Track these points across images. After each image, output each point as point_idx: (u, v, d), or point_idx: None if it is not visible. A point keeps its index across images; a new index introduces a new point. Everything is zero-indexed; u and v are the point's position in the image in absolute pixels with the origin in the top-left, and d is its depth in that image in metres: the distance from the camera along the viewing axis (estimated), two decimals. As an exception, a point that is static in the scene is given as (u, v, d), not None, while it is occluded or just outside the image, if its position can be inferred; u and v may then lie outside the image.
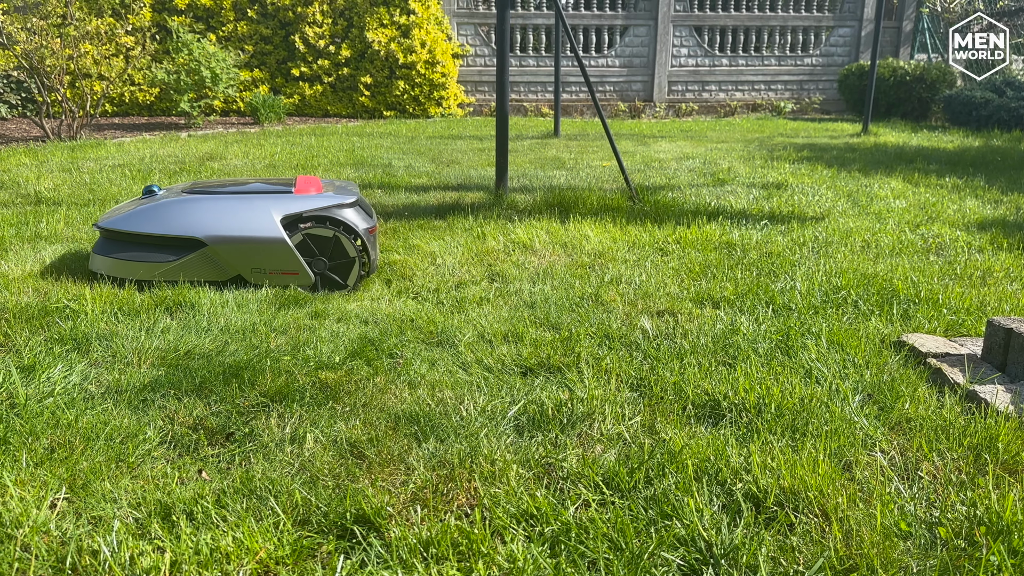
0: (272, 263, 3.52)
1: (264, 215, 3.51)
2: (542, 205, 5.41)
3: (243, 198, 3.59)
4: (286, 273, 3.54)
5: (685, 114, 14.47)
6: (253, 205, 3.54)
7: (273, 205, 3.55)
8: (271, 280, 3.55)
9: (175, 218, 3.48)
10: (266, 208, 3.53)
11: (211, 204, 3.53)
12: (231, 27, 12.51)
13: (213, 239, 3.45)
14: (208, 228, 3.45)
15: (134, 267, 3.48)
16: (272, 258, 3.51)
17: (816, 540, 1.72)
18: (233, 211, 3.51)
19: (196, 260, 3.49)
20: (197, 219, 3.47)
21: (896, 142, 9.71)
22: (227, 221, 3.48)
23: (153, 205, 3.56)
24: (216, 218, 3.48)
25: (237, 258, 3.50)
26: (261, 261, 3.51)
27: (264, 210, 3.52)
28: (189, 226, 3.45)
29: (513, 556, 1.66)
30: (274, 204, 3.55)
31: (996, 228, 4.82)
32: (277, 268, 3.53)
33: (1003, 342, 2.57)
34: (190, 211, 3.50)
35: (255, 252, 3.49)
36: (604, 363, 2.69)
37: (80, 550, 1.67)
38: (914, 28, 15.07)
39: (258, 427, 2.24)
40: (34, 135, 9.52)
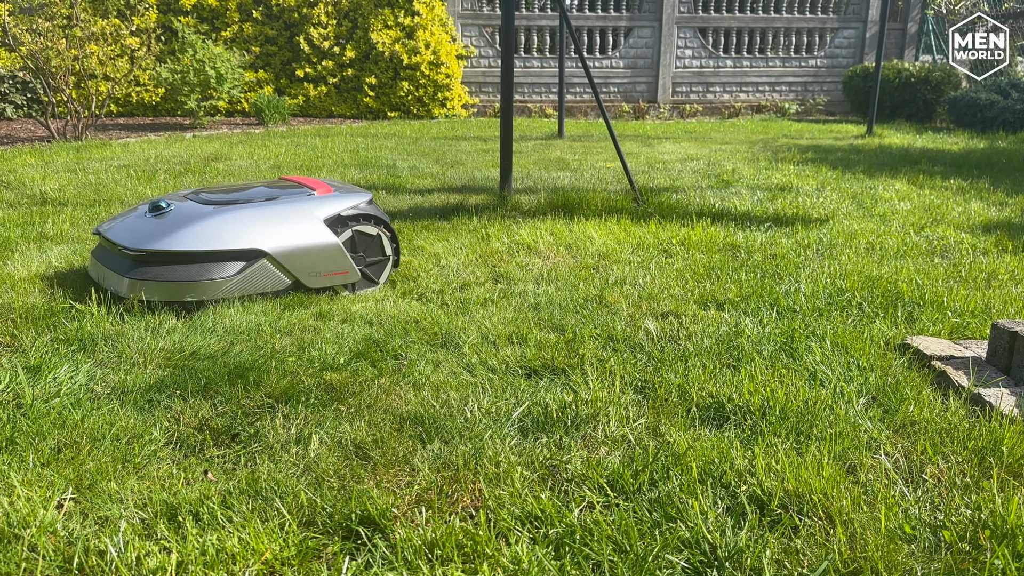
0: (327, 264, 3.48)
1: (311, 218, 3.48)
2: (546, 206, 5.42)
3: (287, 202, 3.52)
4: (338, 273, 3.52)
5: (689, 115, 14.47)
6: (299, 208, 3.49)
7: (315, 207, 3.52)
8: (326, 282, 3.52)
9: (231, 230, 3.29)
10: (310, 211, 3.50)
11: (261, 211, 3.42)
12: (236, 28, 12.55)
13: (274, 247, 3.34)
14: (267, 236, 3.33)
15: (187, 288, 3.23)
16: (327, 259, 3.47)
17: (820, 543, 1.72)
18: (285, 216, 3.43)
19: (257, 272, 3.34)
20: (254, 228, 3.33)
21: (901, 144, 9.70)
22: (283, 227, 3.39)
23: (200, 219, 3.31)
24: (271, 225, 3.37)
25: (297, 263, 3.41)
26: (317, 263, 3.45)
27: (309, 213, 3.49)
28: (248, 236, 3.29)
29: (518, 558, 1.66)
30: (315, 206, 3.53)
31: (1001, 230, 4.81)
32: (331, 269, 3.49)
33: (1008, 345, 2.56)
34: (244, 220, 3.34)
35: (312, 255, 3.43)
36: (608, 365, 2.70)
37: (87, 550, 1.68)
38: (919, 30, 15.05)
39: (263, 428, 2.25)
40: (39, 135, 9.55)
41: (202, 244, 3.23)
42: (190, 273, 3.24)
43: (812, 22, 14.65)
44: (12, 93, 11.26)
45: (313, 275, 3.47)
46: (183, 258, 3.23)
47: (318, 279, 3.49)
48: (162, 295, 3.21)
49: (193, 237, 3.23)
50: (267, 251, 3.32)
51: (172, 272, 3.23)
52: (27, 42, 8.72)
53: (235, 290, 3.31)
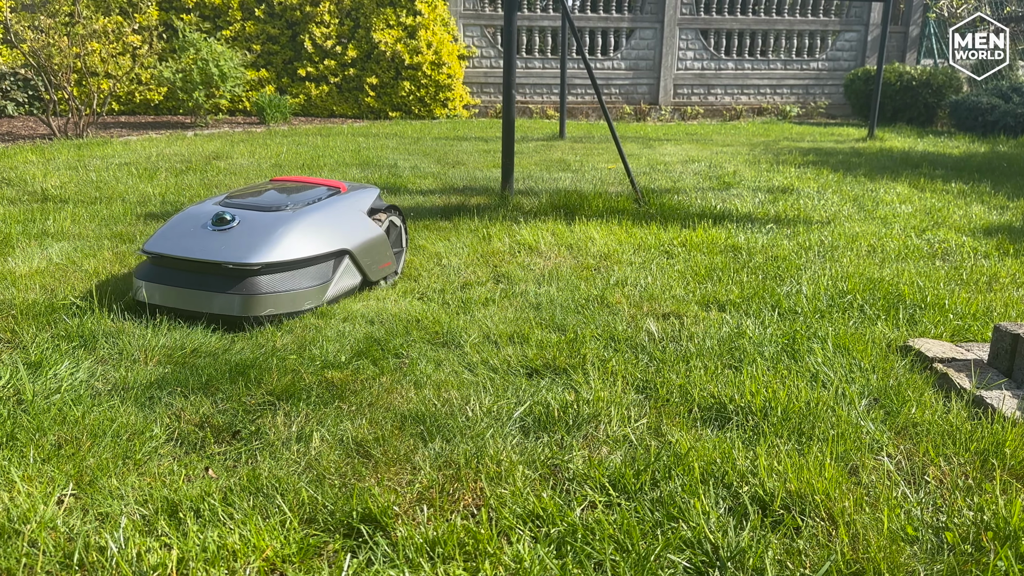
0: (381, 257, 3.57)
1: (360, 213, 3.58)
2: (547, 207, 5.42)
3: (339, 200, 3.56)
4: (386, 264, 3.62)
5: (690, 117, 14.47)
6: (350, 205, 3.57)
7: (356, 202, 3.63)
8: (380, 274, 3.59)
9: (320, 232, 3.27)
10: (357, 206, 3.60)
11: (330, 210, 3.43)
12: (238, 26, 12.55)
13: (354, 244, 3.38)
14: (345, 234, 3.36)
15: (303, 296, 3.16)
16: (381, 252, 3.56)
17: (823, 544, 1.71)
18: (346, 213, 3.49)
19: (345, 271, 3.36)
20: (334, 228, 3.35)
21: (902, 147, 9.70)
22: (351, 224, 3.45)
23: (288, 224, 3.20)
24: (344, 223, 3.42)
25: (366, 258, 3.45)
26: (376, 256, 3.53)
27: (358, 208, 3.60)
28: (334, 237, 3.30)
29: (519, 556, 1.66)
30: (355, 201, 3.63)
31: (1002, 234, 4.81)
32: (382, 261, 3.58)
33: (1010, 347, 2.56)
34: (324, 221, 3.34)
35: (373, 248, 3.50)
36: (610, 365, 2.69)
37: (87, 546, 1.68)
38: (920, 33, 15.05)
39: (264, 425, 2.25)
40: (41, 133, 9.55)
41: (307, 249, 3.17)
42: (301, 280, 3.17)
43: (814, 25, 14.66)
44: (14, 90, 11.25)
45: (374, 269, 3.53)
46: (293, 266, 3.15)
47: (377, 272, 3.56)
48: (282, 307, 3.09)
49: (296, 243, 3.16)
50: (350, 249, 3.36)
51: (284, 282, 3.12)
52: (29, 39, 8.72)
53: (334, 293, 3.31)
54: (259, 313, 3.04)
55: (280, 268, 3.12)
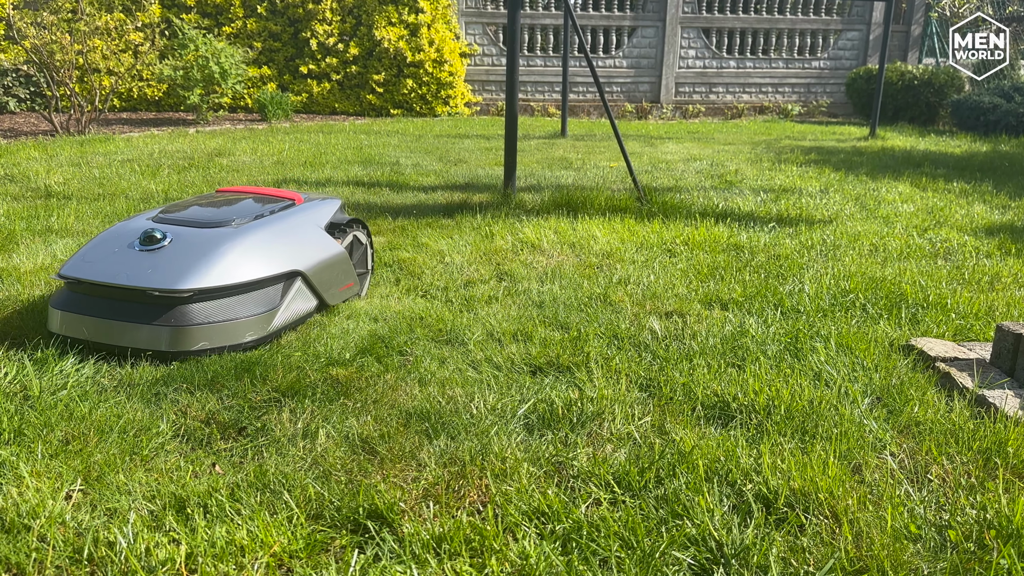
0: (341, 277, 3.20)
1: (317, 228, 3.20)
2: (550, 205, 5.42)
3: (290, 214, 3.18)
4: (348, 286, 3.27)
5: (692, 116, 14.47)
6: (304, 219, 3.18)
7: (313, 216, 3.24)
8: (340, 297, 3.24)
9: (266, 251, 2.88)
10: (312, 220, 3.21)
11: (278, 226, 3.04)
12: (240, 23, 12.55)
13: (306, 264, 2.99)
14: (296, 253, 2.98)
15: (244, 327, 2.76)
16: (340, 271, 3.19)
17: (826, 541, 1.73)
18: (298, 229, 3.10)
19: (296, 296, 2.95)
20: (283, 246, 2.96)
21: (904, 146, 9.70)
22: (303, 241, 3.07)
23: (229, 243, 2.81)
24: (294, 240, 3.04)
25: (322, 280, 3.08)
26: (335, 277, 3.16)
27: (313, 223, 3.20)
28: (283, 256, 2.92)
29: (525, 553, 1.67)
30: (312, 215, 3.25)
31: (1004, 233, 4.82)
32: (343, 282, 3.22)
33: (1012, 347, 2.57)
34: (271, 239, 2.96)
35: (331, 268, 3.13)
36: (613, 363, 2.71)
37: (96, 541, 1.69)
38: (922, 32, 15.05)
39: (270, 422, 2.26)
40: (43, 129, 9.56)
41: (250, 271, 2.78)
42: (242, 307, 2.77)
43: (816, 24, 14.65)
44: (16, 87, 11.26)
45: (333, 291, 3.17)
46: (232, 291, 2.75)
47: (336, 295, 3.21)
48: (218, 339, 2.70)
49: (237, 264, 2.76)
50: (303, 270, 2.97)
51: (222, 310, 2.72)
52: (31, 36, 8.72)
53: (283, 321, 2.90)
54: (191, 348, 2.66)
55: (217, 294, 2.71)
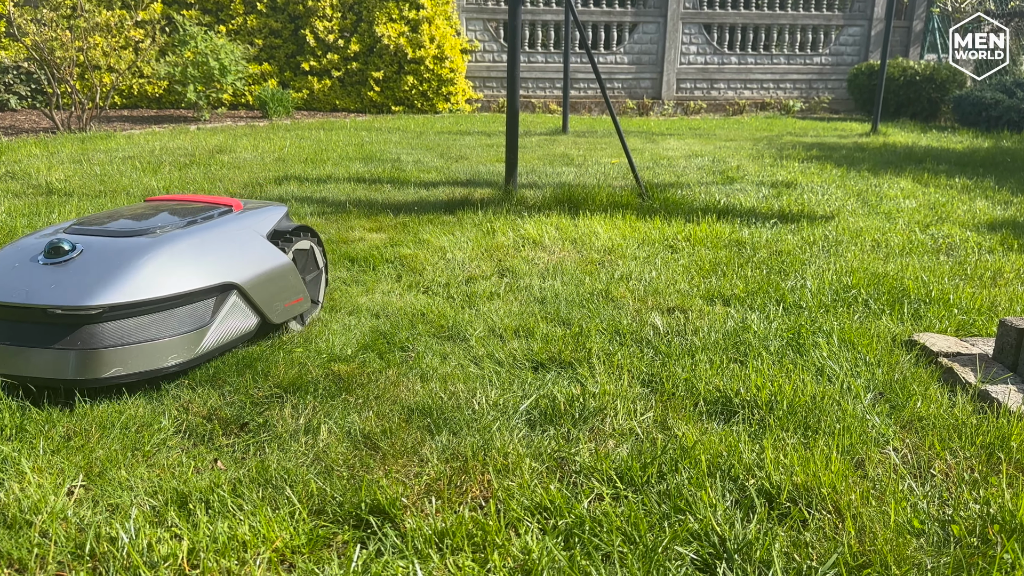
0: (287, 291, 2.86)
1: (257, 236, 2.88)
2: (551, 201, 5.42)
3: (225, 222, 2.87)
4: (296, 301, 2.92)
5: (693, 112, 14.45)
6: (241, 227, 2.87)
7: (254, 224, 2.94)
8: (286, 313, 2.88)
9: (194, 261, 2.56)
10: (252, 228, 2.90)
11: (209, 235, 2.72)
12: (240, 20, 12.54)
13: (243, 277, 2.65)
14: (230, 263, 2.64)
15: (166, 348, 2.41)
16: (286, 285, 2.86)
17: (829, 536, 1.72)
18: (234, 237, 2.79)
19: (231, 312, 2.61)
20: (215, 256, 2.64)
21: (905, 142, 9.68)
22: (240, 251, 2.75)
23: (148, 253, 2.48)
24: (229, 250, 2.71)
25: (263, 294, 2.73)
26: (279, 291, 2.83)
27: (253, 231, 2.89)
28: (214, 267, 2.58)
29: (528, 548, 1.67)
30: (253, 223, 2.95)
31: (1006, 229, 4.81)
32: (289, 296, 2.88)
33: (1015, 342, 2.56)
34: (200, 248, 2.63)
35: (274, 281, 2.79)
36: (615, 359, 2.70)
37: (98, 536, 1.69)
38: (924, 28, 15.02)
39: (272, 418, 2.26)
40: (44, 126, 9.55)
41: (173, 284, 2.44)
42: (164, 326, 2.43)
43: (817, 19, 14.62)
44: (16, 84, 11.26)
45: (276, 306, 2.81)
46: (152, 307, 2.40)
47: (282, 311, 2.84)
48: (134, 364, 2.34)
49: (159, 276, 2.43)
50: (238, 282, 2.62)
51: (139, 329, 2.37)
52: (31, 33, 8.72)
53: (215, 341, 2.55)
54: (103, 375, 2.30)
55: (133, 311, 2.35)
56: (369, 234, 4.57)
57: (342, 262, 3.94)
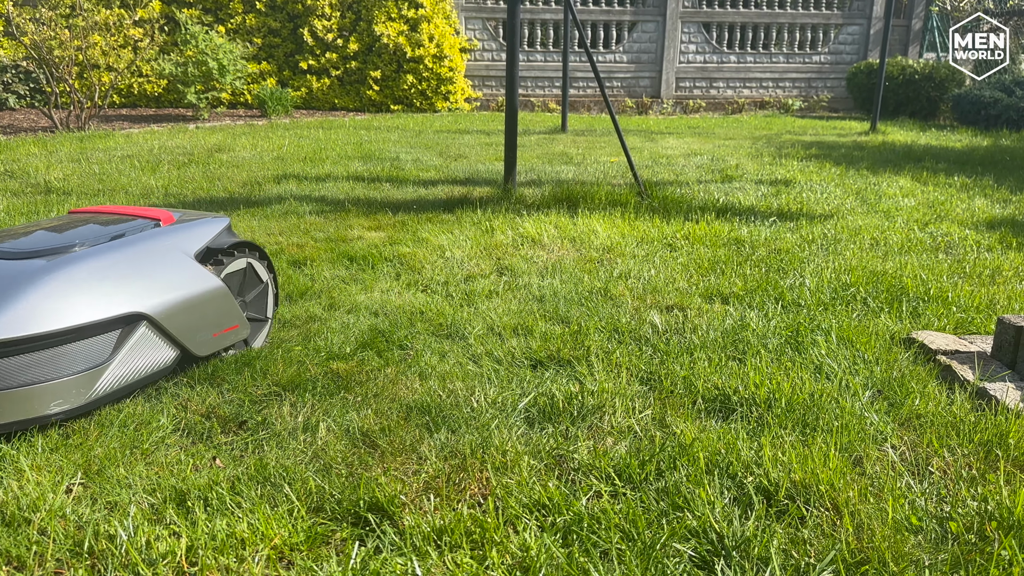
0: (217, 318, 2.55)
1: (181, 256, 2.53)
2: (550, 200, 5.42)
3: (144, 239, 2.52)
4: (229, 329, 2.61)
5: (692, 111, 14.45)
6: (163, 245, 2.53)
7: (180, 242, 2.59)
8: (216, 344, 2.58)
9: (91, 288, 2.21)
10: (177, 246, 2.56)
11: (120, 256, 2.38)
12: (239, 19, 12.53)
13: (156, 305, 2.32)
14: (141, 290, 2.31)
15: (43, 395, 2.08)
16: (216, 311, 2.54)
17: (827, 533, 1.72)
18: (151, 258, 2.45)
19: (138, 347, 2.27)
20: (121, 281, 2.29)
21: (904, 141, 9.69)
22: (156, 274, 2.41)
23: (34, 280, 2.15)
24: (141, 273, 2.36)
25: (183, 324, 2.41)
26: (206, 319, 2.51)
27: (177, 249, 2.54)
28: (119, 295, 2.24)
29: (526, 545, 1.67)
30: (179, 240, 2.60)
31: (1005, 227, 4.81)
32: (221, 324, 2.57)
33: (1013, 340, 2.57)
34: (103, 272, 2.28)
35: (198, 308, 2.47)
36: (614, 357, 2.70)
37: (97, 534, 1.69)
38: (923, 27, 15.02)
39: (271, 416, 2.26)
40: (42, 125, 9.55)
41: (64, 316, 2.11)
42: (52, 366, 2.10)
43: (816, 18, 14.62)
44: (15, 83, 11.25)
45: (202, 337, 2.51)
46: (36, 343, 2.06)
47: (209, 342, 2.54)
48: (13, 412, 2.03)
49: (46, 307, 2.10)
50: (147, 312, 2.29)
51: (21, 370, 2.05)
52: (30, 32, 8.71)
53: (115, 382, 2.23)
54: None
55: (14, 348, 2.03)
56: (368, 232, 4.57)
57: (341, 260, 3.94)
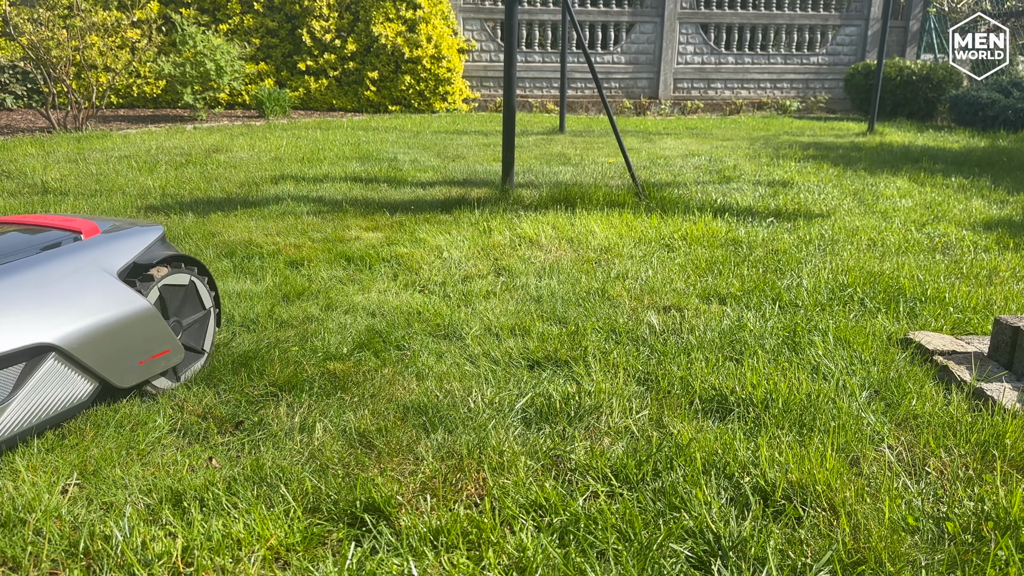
0: (143, 344, 2.26)
1: (101, 274, 2.23)
2: (548, 200, 5.42)
3: (56, 256, 2.20)
4: (158, 355, 2.32)
5: (690, 111, 14.46)
6: (79, 262, 2.22)
7: (100, 257, 2.29)
8: (142, 373, 2.29)
9: None
10: (96, 262, 2.25)
11: (25, 276, 2.07)
12: (237, 20, 12.52)
13: (66, 334, 2.05)
14: (49, 316, 2.04)
15: None
16: (141, 336, 2.25)
17: (824, 533, 1.72)
18: (64, 277, 2.14)
19: (43, 382, 2.01)
20: (25, 306, 2.01)
21: (902, 141, 9.70)
22: (69, 296, 2.11)
23: None
24: (51, 295, 2.08)
25: (101, 352, 2.15)
26: (130, 346, 2.22)
27: (96, 266, 2.24)
28: (20, 324, 1.97)
29: (522, 545, 1.66)
30: (100, 255, 2.29)
31: (1002, 228, 4.82)
32: (148, 350, 2.28)
33: (1010, 340, 2.57)
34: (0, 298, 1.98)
35: (120, 334, 2.18)
36: (611, 357, 2.70)
37: (92, 535, 1.69)
38: (921, 28, 15.03)
39: (267, 416, 2.25)
40: (40, 126, 9.53)
41: None
42: None
43: (814, 19, 14.63)
44: (12, 83, 11.23)
45: (124, 366, 2.22)
46: None
47: (133, 371, 2.26)
48: None
49: None
50: (56, 343, 2.03)
51: None
52: (28, 32, 8.69)
53: (18, 421, 1.98)
54: None
55: None
56: (365, 233, 4.56)
57: (338, 261, 3.94)
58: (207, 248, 4.09)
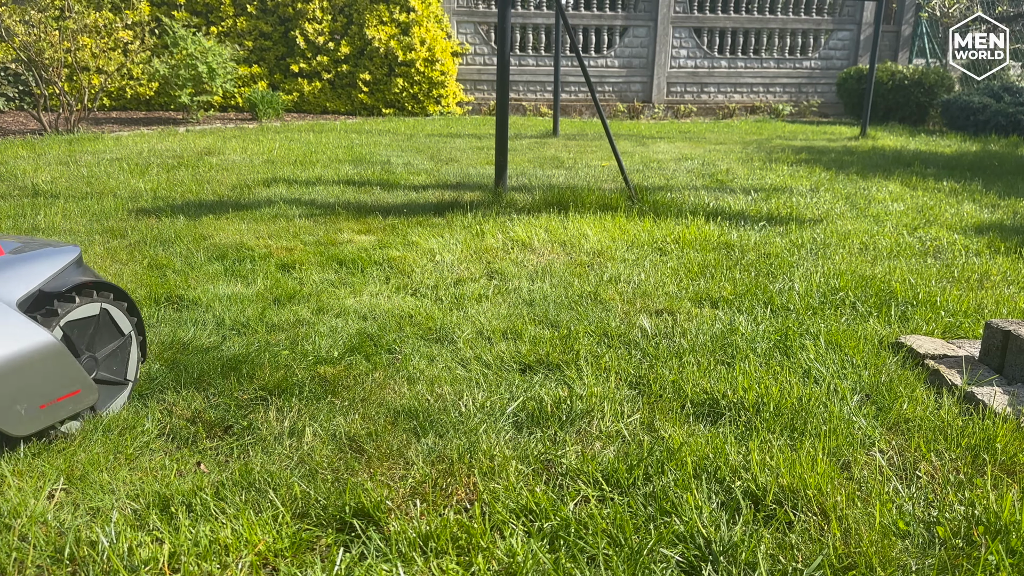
0: (47, 386, 1.98)
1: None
2: (541, 204, 5.41)
3: None
4: (66, 396, 2.04)
5: (684, 115, 14.49)
6: None
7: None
8: (43, 419, 2.00)
9: None
10: None
11: None
12: (230, 22, 12.49)
13: None
14: None
15: None
16: (44, 376, 1.97)
17: (815, 538, 1.72)
18: None
19: None
20: None
21: (894, 146, 9.73)
22: None
23: None
24: None
25: None
26: (26, 389, 1.93)
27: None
28: None
29: (512, 550, 1.66)
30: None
31: (993, 232, 4.84)
32: (52, 392, 2.00)
33: (1001, 344, 2.57)
34: None
35: (15, 375, 1.90)
36: (603, 361, 2.70)
37: (78, 540, 1.67)
38: (913, 32, 15.11)
39: (257, 420, 2.24)
40: (31, 128, 9.48)
41: None
42: None
43: (807, 23, 14.69)
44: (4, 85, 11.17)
45: (24, 409, 1.94)
46: None
47: (33, 417, 1.97)
48: None
49: None
50: None
51: None
52: (19, 33, 8.65)
53: None
54: None
55: None
56: (358, 236, 4.55)
57: (330, 264, 3.92)
58: (198, 251, 4.07)
